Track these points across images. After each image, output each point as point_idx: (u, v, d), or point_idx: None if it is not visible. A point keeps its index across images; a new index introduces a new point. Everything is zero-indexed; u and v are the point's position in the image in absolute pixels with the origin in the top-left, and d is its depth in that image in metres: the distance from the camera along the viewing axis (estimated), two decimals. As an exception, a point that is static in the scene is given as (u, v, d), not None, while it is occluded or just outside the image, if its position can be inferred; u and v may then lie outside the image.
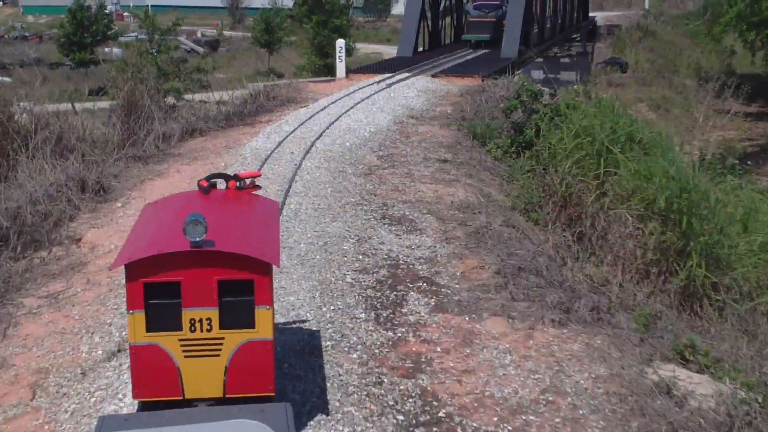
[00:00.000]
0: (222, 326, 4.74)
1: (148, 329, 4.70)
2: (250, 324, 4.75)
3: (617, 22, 52.89)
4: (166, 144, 15.35)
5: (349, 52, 46.70)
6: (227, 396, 4.88)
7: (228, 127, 16.88)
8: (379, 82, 20.63)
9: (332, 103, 17.93)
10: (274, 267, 4.74)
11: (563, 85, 39.94)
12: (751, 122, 41.23)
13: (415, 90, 19.95)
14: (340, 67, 22.65)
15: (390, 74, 22.07)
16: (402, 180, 12.52)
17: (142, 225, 5.24)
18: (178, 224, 4.57)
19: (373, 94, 18.99)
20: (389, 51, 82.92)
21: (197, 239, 4.50)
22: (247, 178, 5.63)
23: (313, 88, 21.63)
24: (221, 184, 5.66)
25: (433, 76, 22.08)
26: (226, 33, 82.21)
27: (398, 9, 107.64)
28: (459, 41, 32.13)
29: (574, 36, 43.93)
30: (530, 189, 12.38)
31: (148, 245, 4.69)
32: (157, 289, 4.60)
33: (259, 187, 5.73)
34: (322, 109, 17.07)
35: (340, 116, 16.38)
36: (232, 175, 5.62)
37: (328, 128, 15.22)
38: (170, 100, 26.89)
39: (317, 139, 14.32)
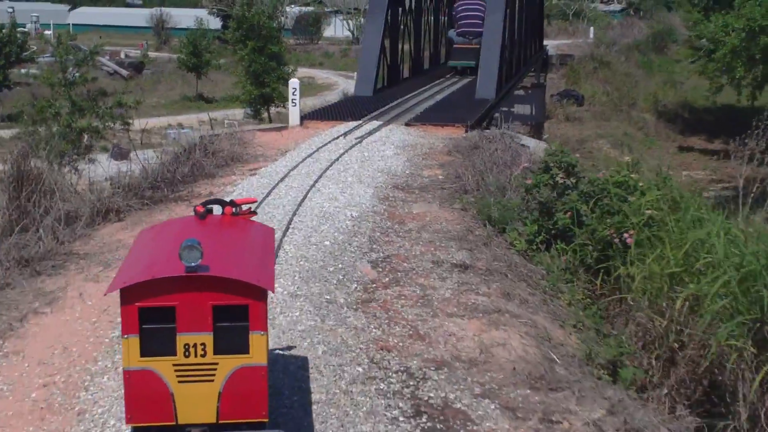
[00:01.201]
0: (216, 351, 4.59)
1: (143, 354, 4.56)
2: (244, 349, 4.60)
3: (568, 51, 49.53)
4: (69, 231, 10.83)
5: (288, 80, 42.31)
6: (220, 422, 4.69)
7: (154, 203, 12.37)
8: (345, 135, 16.23)
9: (293, 168, 13.51)
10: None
11: (519, 119, 35.99)
12: (716, 161, 37.90)
13: (391, 146, 15.64)
14: (294, 113, 18.24)
15: (355, 122, 17.78)
16: (418, 312, 8.26)
17: (137, 250, 5.15)
18: (174, 249, 4.46)
19: (343, 153, 14.61)
20: (321, 75, 78.76)
21: (193, 264, 4.38)
22: (243, 204, 5.55)
23: (262, 139, 17.17)
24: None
25: (407, 124, 17.84)
26: (152, 54, 77.21)
27: (330, 32, 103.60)
28: (418, 74, 27.98)
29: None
30: (618, 336, 8.18)
31: (144, 270, 4.59)
32: (152, 313, 4.48)
33: (255, 213, 5.64)
34: (281, 179, 12.64)
35: (308, 191, 11.97)
36: (228, 201, 5.53)
37: (295, 214, 10.81)
38: (85, 140, 22.37)
39: (284, 235, 9.91)
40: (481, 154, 15.10)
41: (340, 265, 9.18)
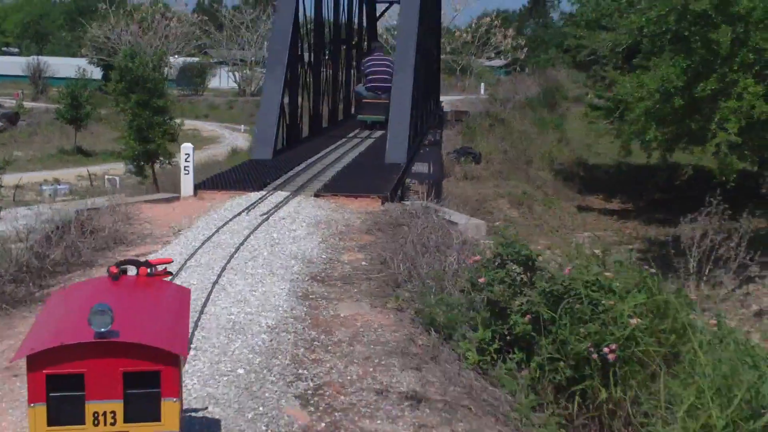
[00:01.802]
0: (126, 419, 4.35)
1: (50, 423, 4.30)
2: (156, 417, 4.37)
3: (462, 107, 48.38)
4: None
5: (174, 136, 39.68)
6: None
7: (13, 304, 9.80)
8: (248, 210, 13.89)
9: (189, 256, 11.11)
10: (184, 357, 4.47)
11: (416, 178, 34.13)
12: (616, 220, 36.93)
13: (302, 224, 13.40)
14: (187, 182, 15.81)
15: (257, 193, 15.51)
16: (373, 482, 6.01)
17: (47, 314, 4.92)
18: (84, 313, 4.25)
19: (248, 235, 12.30)
20: (207, 127, 75.95)
21: (102, 330, 4.18)
22: (158, 264, 5.31)
23: (151, 213, 14.68)
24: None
25: (317, 195, 15.65)
26: (27, 104, 73.02)
27: (215, 83, 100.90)
28: (318, 133, 25.91)
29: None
30: None
31: (52, 335, 4.37)
32: (60, 380, 4.25)
33: (170, 274, 5.44)
34: (176, 273, 10.23)
35: (211, 291, 9.61)
36: (143, 261, 5.32)
37: (196, 327, 8.45)
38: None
39: (185, 362, 7.53)
40: (405, 233, 13.00)
41: (260, 408, 6.86)
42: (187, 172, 15.71)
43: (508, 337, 9.41)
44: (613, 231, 35.51)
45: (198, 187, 16.06)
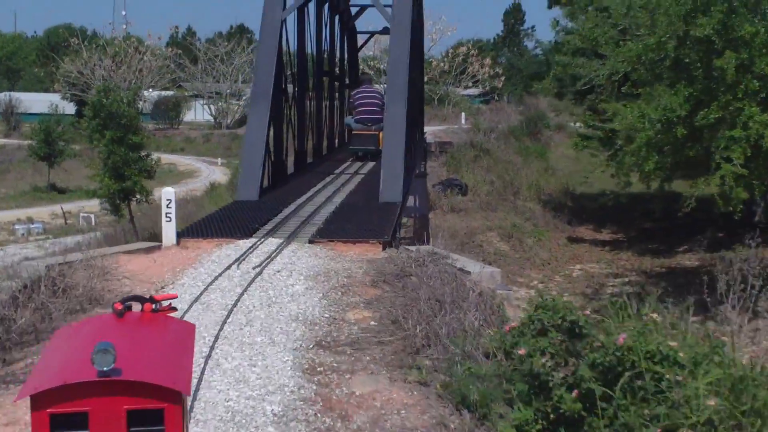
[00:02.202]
0: None
1: None
2: None
3: (446, 138, 47.17)
4: None
5: (151, 173, 38.09)
6: None
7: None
8: (239, 262, 12.43)
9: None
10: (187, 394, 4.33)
11: (403, 212, 32.79)
12: (608, 252, 35.70)
13: (300, 277, 11.95)
14: (169, 230, 14.31)
15: (246, 240, 14.06)
16: None
17: (51, 352, 4.80)
18: (88, 352, 4.16)
19: (241, 293, 10.83)
20: (183, 161, 74.33)
21: (105, 368, 4.10)
22: (163, 300, 5.12)
23: (130, 267, 13.16)
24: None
25: (312, 242, 14.22)
26: (0, 141, 71.21)
27: (190, 116, 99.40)
28: (303, 170, 24.55)
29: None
30: None
31: (55, 374, 4.28)
32: (63, 419, 4.17)
33: (175, 309, 5.23)
34: (162, 345, 8.75)
35: (204, 369, 8.14)
36: (147, 297, 5.13)
37: (189, 416, 6.98)
38: None
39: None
40: (415, 285, 11.58)
41: None
42: (168, 219, 14.22)
43: (551, 416, 8.02)
44: (606, 263, 34.23)
45: (181, 234, 14.57)
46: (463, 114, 59.20)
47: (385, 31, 39.93)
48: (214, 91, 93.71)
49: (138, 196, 37.91)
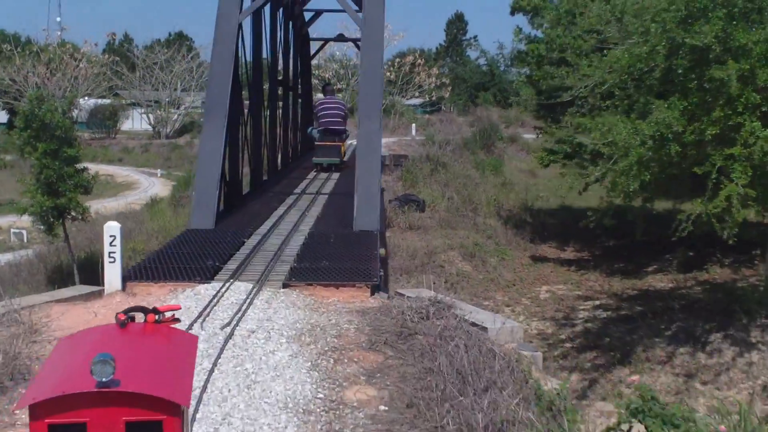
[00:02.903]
0: None
1: None
2: None
3: (399, 150, 44.84)
4: None
5: (88, 189, 35.14)
6: None
7: None
8: (201, 320, 9.85)
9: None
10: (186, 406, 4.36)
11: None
12: (574, 272, 33.70)
13: (281, 340, 9.44)
14: (113, 273, 11.66)
15: (206, 284, 11.49)
16: None
17: (52, 362, 4.83)
18: (87, 362, 4.16)
19: (211, 369, 8.29)
20: (121, 172, 70.81)
21: (104, 379, 4.11)
22: (166, 311, 5.28)
23: (64, 321, 10.49)
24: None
25: (286, 285, 11.72)
26: None
27: (128, 125, 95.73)
28: (258, 190, 22.00)
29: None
30: None
31: (54, 384, 4.31)
32: (62, 430, 4.18)
33: (178, 320, 5.48)
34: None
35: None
36: (150, 308, 5.23)
37: None
38: None
39: None
40: (424, 349, 9.17)
41: None
42: (112, 260, 11.59)
43: None
44: (573, 284, 32.15)
45: (128, 277, 11.94)
46: (413, 125, 57.01)
47: (339, 38, 37.57)
48: (152, 100, 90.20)
49: (73, 213, 34.83)
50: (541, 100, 29.96)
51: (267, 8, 23.98)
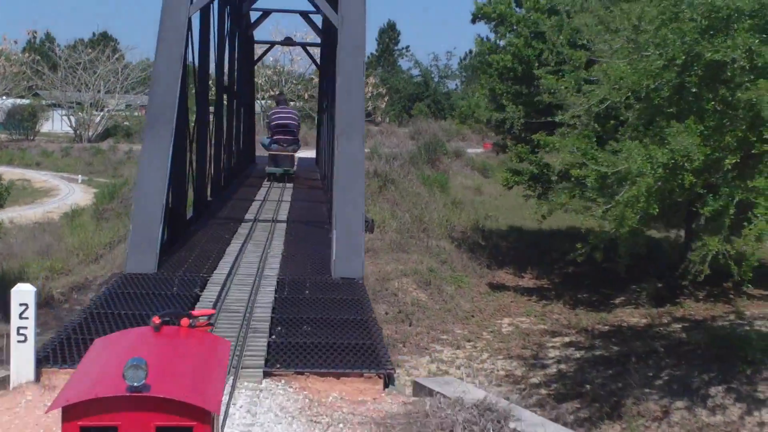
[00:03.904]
0: None
1: None
2: None
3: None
4: None
5: (1, 201, 31.02)
6: None
7: None
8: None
9: None
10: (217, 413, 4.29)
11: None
12: (537, 302, 30.79)
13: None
14: (24, 356, 8.09)
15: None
16: None
17: (86, 364, 4.91)
18: (121, 366, 4.23)
19: None
20: (39, 177, 65.70)
21: (136, 384, 4.17)
22: (200, 315, 5.36)
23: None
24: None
25: (269, 374, 8.32)
26: None
27: (48, 127, 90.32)
28: (202, 212, 18.41)
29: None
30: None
31: (87, 387, 4.37)
32: None
33: (212, 325, 5.57)
34: None
35: None
36: (185, 312, 5.35)
37: None
38: None
39: None
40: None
41: None
42: (23, 338, 8.03)
43: None
44: (537, 316, 29.14)
45: (43, 361, 8.38)
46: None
47: (287, 42, 34.12)
48: (74, 101, 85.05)
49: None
50: (511, 117, 26.95)
51: (216, 5, 20.50)
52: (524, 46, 28.78)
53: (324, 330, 9.79)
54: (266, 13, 27.91)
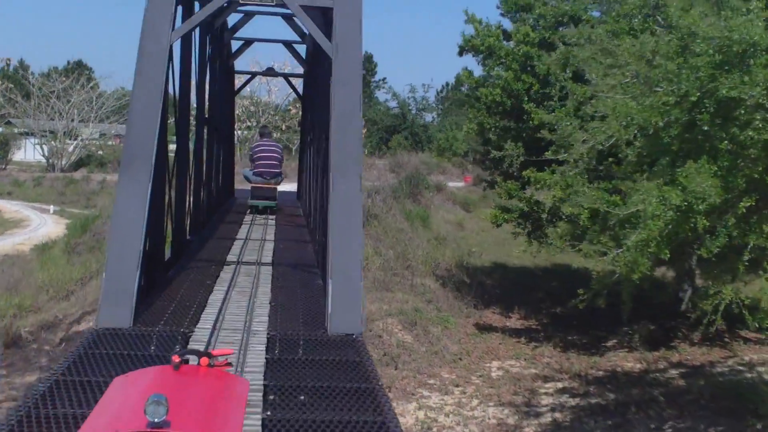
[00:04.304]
0: None
1: None
2: None
3: (324, 198, 40.54)
4: None
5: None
6: None
7: None
8: None
9: None
10: None
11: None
12: (526, 344, 29.58)
13: None
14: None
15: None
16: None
17: (106, 400, 4.97)
18: (140, 402, 4.25)
19: None
20: (10, 207, 63.78)
21: (156, 420, 4.16)
22: (219, 355, 5.33)
23: None
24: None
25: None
26: None
27: (19, 156, 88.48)
28: (184, 254, 17.08)
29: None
30: None
31: (108, 423, 4.39)
32: None
33: (230, 365, 5.44)
34: None
35: None
36: (204, 351, 5.32)
37: None
38: None
39: None
40: None
41: None
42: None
43: None
44: (527, 360, 27.91)
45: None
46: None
47: (269, 72, 32.92)
48: (47, 130, 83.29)
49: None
50: (510, 154, 25.83)
51: (197, 32, 19.26)
52: (514, 79, 27.74)
53: (323, 401, 8.48)
54: (248, 43, 26.69)
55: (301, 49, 27.64)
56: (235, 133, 67.45)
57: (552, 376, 26.56)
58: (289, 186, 34.16)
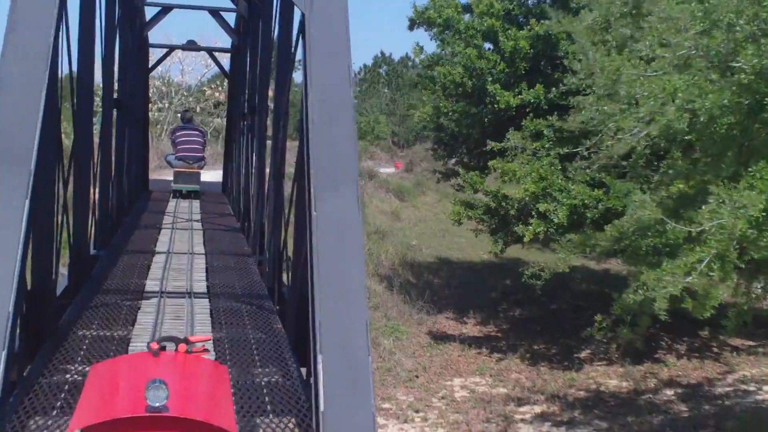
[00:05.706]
0: None
1: None
2: None
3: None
4: None
5: None
6: None
7: None
8: None
9: None
10: None
11: None
12: (489, 356, 25.64)
13: None
14: None
15: None
16: None
17: (93, 386, 4.73)
18: (132, 387, 4.18)
19: None
20: None
21: (157, 404, 4.03)
22: (197, 341, 5.25)
23: None
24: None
25: None
26: None
27: None
28: (89, 286, 12.23)
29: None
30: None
31: (104, 408, 4.25)
32: None
33: (207, 351, 5.19)
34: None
35: None
36: (182, 338, 5.19)
37: None
38: None
39: None
40: None
41: None
42: None
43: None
44: (493, 376, 23.91)
45: None
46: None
47: (190, 46, 27.97)
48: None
49: None
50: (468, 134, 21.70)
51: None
52: (477, 57, 23.51)
53: None
54: (166, 10, 21.81)
55: (230, 18, 23.02)
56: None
57: (526, 397, 22.64)
58: (213, 176, 29.36)
